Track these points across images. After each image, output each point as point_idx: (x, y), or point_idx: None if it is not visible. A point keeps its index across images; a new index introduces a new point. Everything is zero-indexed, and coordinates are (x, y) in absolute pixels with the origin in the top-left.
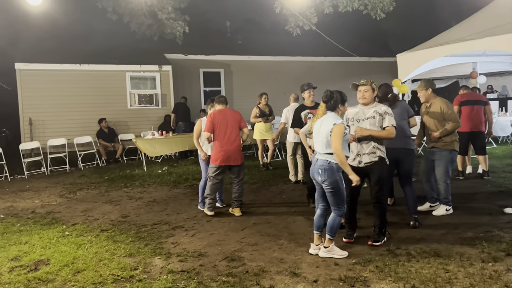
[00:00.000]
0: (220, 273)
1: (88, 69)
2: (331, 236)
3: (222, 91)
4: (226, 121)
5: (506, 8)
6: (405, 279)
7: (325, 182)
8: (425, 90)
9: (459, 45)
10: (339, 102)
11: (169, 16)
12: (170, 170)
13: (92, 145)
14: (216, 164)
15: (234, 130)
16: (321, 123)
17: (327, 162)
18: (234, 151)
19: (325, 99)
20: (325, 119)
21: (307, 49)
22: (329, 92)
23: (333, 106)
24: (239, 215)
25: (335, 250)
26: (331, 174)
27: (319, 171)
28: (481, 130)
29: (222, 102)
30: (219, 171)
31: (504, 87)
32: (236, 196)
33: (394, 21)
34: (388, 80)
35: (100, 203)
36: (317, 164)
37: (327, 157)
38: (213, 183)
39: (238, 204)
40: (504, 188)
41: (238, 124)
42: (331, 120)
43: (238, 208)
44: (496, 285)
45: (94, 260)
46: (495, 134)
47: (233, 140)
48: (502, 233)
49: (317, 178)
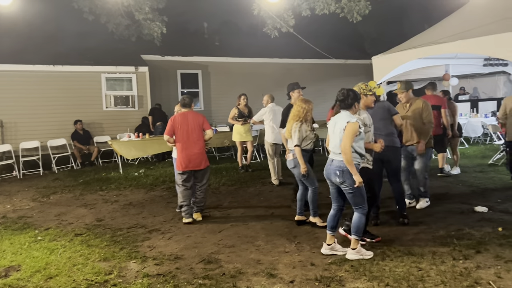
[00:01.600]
0: (196, 276)
1: (62, 70)
2: (358, 236)
3: (200, 92)
4: (187, 124)
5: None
6: (379, 278)
7: (345, 183)
8: (405, 91)
9: (432, 47)
10: (355, 100)
11: (146, 16)
12: (147, 173)
13: (66, 147)
14: (180, 170)
15: (195, 133)
16: (335, 123)
17: (344, 163)
18: (197, 155)
19: (342, 97)
20: (339, 118)
21: (284, 51)
22: (345, 90)
23: (349, 104)
24: (200, 219)
25: (363, 251)
26: (350, 175)
27: (337, 173)
28: (437, 133)
29: (186, 105)
30: (185, 177)
31: (475, 89)
32: (197, 201)
33: (370, 24)
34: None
35: (75, 206)
36: (334, 165)
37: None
38: (183, 189)
39: (199, 209)
40: (475, 187)
41: (200, 127)
42: (345, 118)
43: (199, 212)
44: (466, 282)
45: (67, 265)
46: (466, 134)
47: (195, 144)
48: (473, 231)
49: (334, 179)
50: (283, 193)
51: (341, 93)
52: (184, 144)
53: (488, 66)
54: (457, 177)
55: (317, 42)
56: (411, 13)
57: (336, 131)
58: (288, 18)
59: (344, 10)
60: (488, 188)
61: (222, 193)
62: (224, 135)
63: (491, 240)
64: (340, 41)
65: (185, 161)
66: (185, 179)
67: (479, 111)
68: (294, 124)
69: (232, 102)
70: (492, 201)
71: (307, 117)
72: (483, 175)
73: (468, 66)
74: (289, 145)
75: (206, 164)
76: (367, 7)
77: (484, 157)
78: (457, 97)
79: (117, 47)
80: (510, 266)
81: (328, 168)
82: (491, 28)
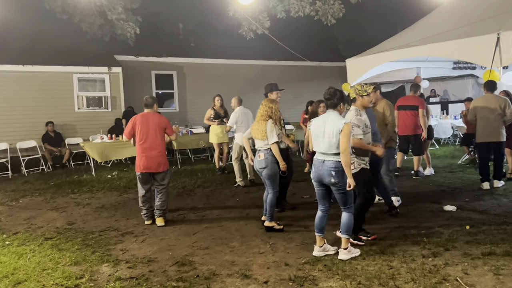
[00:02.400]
0: (170, 279)
1: (32, 70)
2: (349, 236)
3: (175, 93)
4: (148, 125)
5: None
6: (351, 277)
7: (339, 183)
8: (374, 91)
9: (403, 51)
10: (341, 100)
11: (119, 17)
12: (120, 175)
13: (36, 149)
14: (139, 172)
15: (156, 135)
16: (324, 123)
17: (340, 163)
18: (156, 157)
19: (328, 96)
20: (329, 118)
21: (260, 53)
22: (332, 89)
23: (335, 104)
24: (161, 225)
25: (352, 250)
26: (344, 175)
27: (332, 173)
28: (415, 133)
29: (147, 105)
30: (144, 180)
31: (445, 91)
32: (159, 205)
33: (344, 27)
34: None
35: (45, 210)
36: (327, 165)
37: (338, 158)
38: (144, 193)
39: (160, 213)
40: (445, 187)
41: (161, 130)
42: (339, 119)
43: (161, 217)
44: (435, 279)
45: (36, 270)
46: (437, 136)
47: (155, 146)
48: (442, 230)
49: (328, 180)
50: (258, 194)
51: (328, 91)
52: (143, 146)
53: (457, 69)
54: (428, 177)
55: (292, 44)
56: (385, 16)
57: (330, 133)
58: (264, 20)
59: (319, 13)
60: (457, 188)
61: (197, 195)
62: (200, 136)
63: (459, 238)
64: (315, 43)
65: (143, 163)
66: (144, 181)
67: (449, 113)
68: (268, 122)
69: (208, 103)
70: (461, 200)
71: (275, 116)
72: (453, 175)
73: (438, 69)
74: (258, 145)
75: (166, 167)
76: (341, 10)
77: (454, 157)
78: (428, 99)
79: (90, 47)
80: (476, 263)
81: (320, 169)
82: (459, 32)
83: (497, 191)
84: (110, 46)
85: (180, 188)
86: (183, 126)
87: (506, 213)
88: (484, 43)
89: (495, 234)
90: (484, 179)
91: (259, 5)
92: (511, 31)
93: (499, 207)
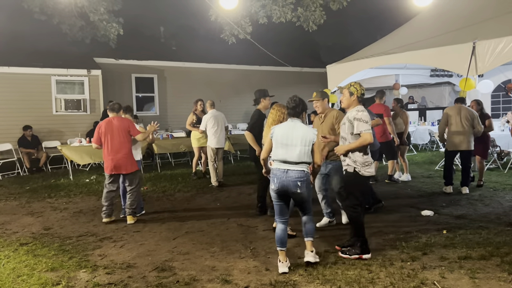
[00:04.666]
0: (149, 284)
1: (8, 72)
2: (313, 238)
3: (155, 97)
4: (112, 129)
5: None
6: (332, 281)
7: (303, 193)
8: (321, 100)
9: (382, 58)
10: (304, 109)
11: (102, 17)
12: (99, 179)
13: (12, 153)
14: (107, 173)
15: (120, 138)
16: (292, 130)
17: (305, 173)
18: (122, 159)
19: (293, 104)
20: (297, 126)
21: (242, 57)
22: (297, 98)
23: (299, 112)
24: (131, 222)
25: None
26: (308, 184)
27: (298, 184)
28: (385, 140)
29: (113, 109)
30: (111, 180)
31: (423, 98)
32: (128, 204)
33: (325, 34)
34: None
35: (20, 215)
36: (292, 175)
37: (303, 167)
38: (108, 191)
39: (130, 212)
40: (422, 192)
41: (126, 132)
42: (309, 129)
43: (131, 215)
44: (413, 283)
45: (11, 276)
46: (415, 142)
47: (120, 148)
48: (420, 234)
49: (294, 190)
50: (239, 198)
51: (292, 100)
52: (108, 148)
53: (434, 77)
54: (406, 182)
55: (274, 50)
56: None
57: (301, 140)
58: (246, 25)
59: (300, 19)
60: (435, 193)
61: (178, 200)
62: (180, 140)
63: (436, 242)
64: (297, 49)
65: (110, 165)
66: (111, 182)
67: (427, 119)
68: None
69: (189, 107)
70: (438, 205)
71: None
72: (430, 180)
73: (416, 76)
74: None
75: (134, 168)
76: (322, 17)
77: (432, 163)
78: (406, 106)
79: (69, 49)
80: (453, 267)
81: (284, 179)
82: (437, 40)
83: (473, 197)
84: (90, 49)
85: (160, 192)
86: (163, 130)
87: (482, 218)
88: (460, 51)
89: (471, 239)
90: (448, 183)
91: (241, 10)
92: (486, 40)
93: (475, 212)
